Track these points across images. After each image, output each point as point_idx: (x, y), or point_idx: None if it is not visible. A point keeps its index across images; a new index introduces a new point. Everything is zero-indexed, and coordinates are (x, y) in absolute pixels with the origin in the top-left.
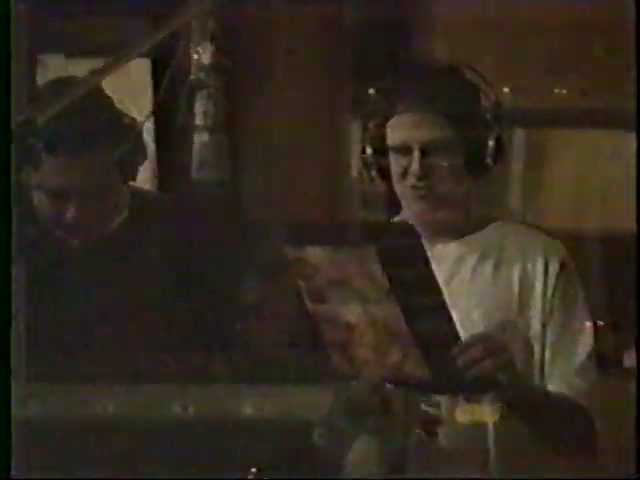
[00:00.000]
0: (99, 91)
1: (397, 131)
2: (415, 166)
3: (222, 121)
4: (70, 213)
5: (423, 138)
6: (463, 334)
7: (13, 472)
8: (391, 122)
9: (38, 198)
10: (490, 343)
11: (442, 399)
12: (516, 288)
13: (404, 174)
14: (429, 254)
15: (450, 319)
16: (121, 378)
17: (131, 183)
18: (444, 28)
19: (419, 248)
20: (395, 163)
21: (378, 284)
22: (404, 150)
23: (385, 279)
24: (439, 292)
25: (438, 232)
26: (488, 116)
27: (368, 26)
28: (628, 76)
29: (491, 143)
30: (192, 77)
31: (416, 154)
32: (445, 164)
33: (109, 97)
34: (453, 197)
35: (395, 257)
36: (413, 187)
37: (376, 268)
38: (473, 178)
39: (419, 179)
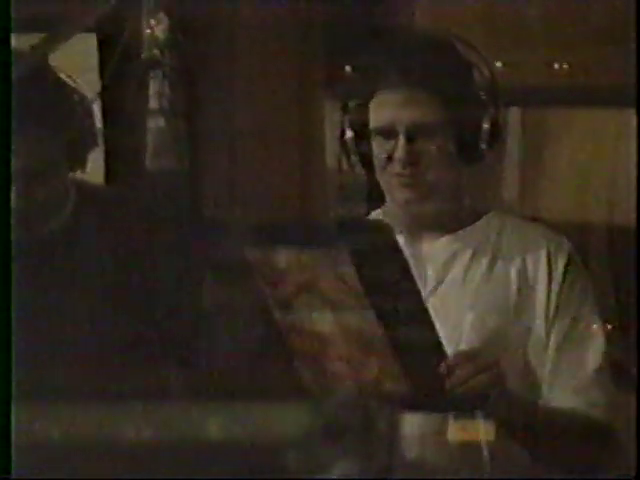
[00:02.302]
0: (43, 64)
1: (380, 111)
2: (401, 151)
3: (179, 104)
4: (12, 200)
5: (410, 119)
6: (455, 341)
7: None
8: (373, 101)
9: None
10: (479, 360)
11: (429, 417)
12: (514, 288)
13: (388, 160)
14: (416, 251)
15: (432, 328)
16: (65, 397)
17: (78, 175)
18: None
19: (394, 248)
20: (378, 148)
21: (352, 289)
22: (388, 133)
23: (359, 283)
24: (419, 297)
25: (426, 226)
26: (483, 95)
27: None
28: (631, 49)
29: (486, 126)
30: (144, 54)
31: (402, 138)
32: (434, 149)
33: (55, 71)
34: (443, 186)
35: (369, 258)
36: (398, 175)
37: (349, 271)
38: (465, 165)
39: (405, 166)
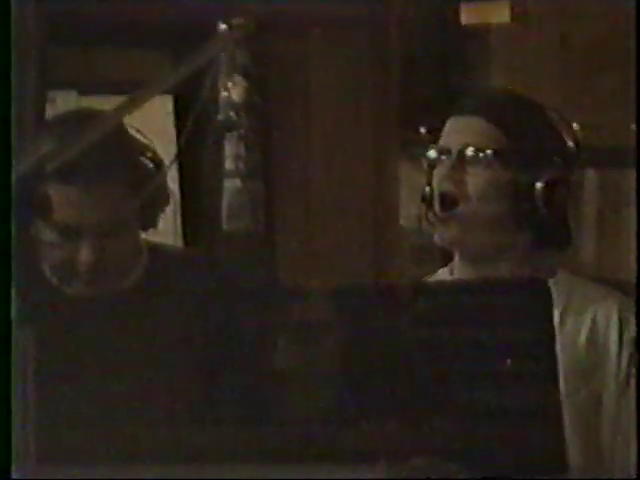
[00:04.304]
0: (120, 124)
1: (444, 134)
2: (446, 169)
3: (255, 165)
4: (84, 255)
5: (464, 141)
6: None
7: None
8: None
9: (46, 241)
10: None
11: None
12: (584, 351)
13: (427, 198)
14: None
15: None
16: (136, 456)
17: (148, 238)
18: (502, 61)
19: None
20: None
21: None
22: (442, 155)
23: None
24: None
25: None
26: (556, 158)
27: (417, 59)
28: None
29: (539, 184)
30: (220, 116)
31: (452, 156)
32: (483, 179)
33: (130, 131)
34: (488, 224)
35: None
36: (440, 195)
37: None
38: (520, 227)
39: (446, 180)
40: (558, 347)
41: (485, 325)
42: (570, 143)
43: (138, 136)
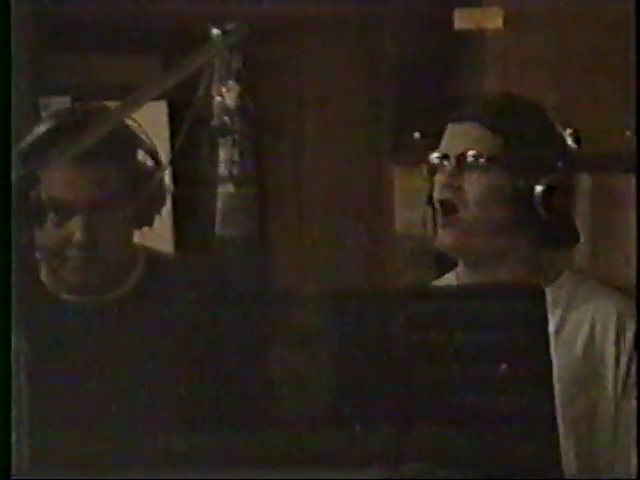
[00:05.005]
0: (120, 124)
1: (441, 145)
2: (444, 174)
3: (249, 171)
4: (76, 233)
5: (461, 148)
6: None
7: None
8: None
9: (40, 230)
10: None
11: None
12: (580, 353)
13: (429, 201)
14: None
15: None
16: (132, 462)
17: (146, 244)
18: (497, 67)
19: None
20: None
21: None
22: (442, 161)
23: None
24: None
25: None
26: (559, 163)
27: (411, 64)
28: None
29: (539, 189)
30: (215, 121)
31: (450, 162)
32: (483, 184)
33: (130, 128)
34: (489, 227)
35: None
36: (439, 202)
37: None
38: (523, 230)
39: (444, 187)
40: (555, 354)
41: (481, 330)
42: (571, 145)
43: (137, 131)
